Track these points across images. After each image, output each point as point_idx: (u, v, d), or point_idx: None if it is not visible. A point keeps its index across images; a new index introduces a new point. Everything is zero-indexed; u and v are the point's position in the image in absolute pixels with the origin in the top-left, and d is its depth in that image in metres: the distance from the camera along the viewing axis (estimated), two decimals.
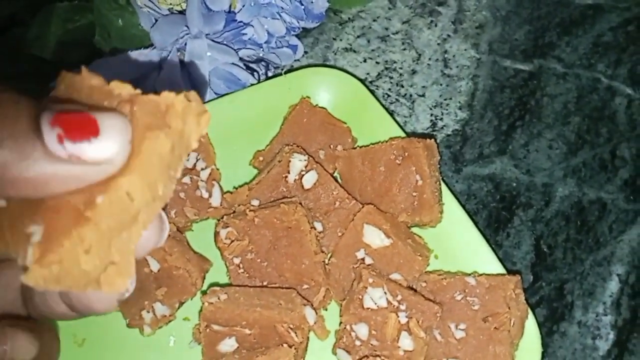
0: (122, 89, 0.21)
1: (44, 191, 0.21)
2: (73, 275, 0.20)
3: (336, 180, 0.46)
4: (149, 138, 0.21)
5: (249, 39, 0.50)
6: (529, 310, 0.42)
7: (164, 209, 0.24)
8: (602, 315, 0.48)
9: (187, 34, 0.48)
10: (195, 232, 0.46)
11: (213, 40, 0.48)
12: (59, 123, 0.20)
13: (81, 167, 0.20)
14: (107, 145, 0.20)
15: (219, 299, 0.39)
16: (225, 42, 0.49)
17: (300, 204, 0.44)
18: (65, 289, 0.21)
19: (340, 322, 0.42)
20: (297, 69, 0.53)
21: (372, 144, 0.47)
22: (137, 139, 0.21)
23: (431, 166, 0.45)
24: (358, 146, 0.49)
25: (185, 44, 0.48)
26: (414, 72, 0.59)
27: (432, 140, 0.46)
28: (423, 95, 0.58)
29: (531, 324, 0.42)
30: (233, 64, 0.49)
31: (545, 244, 0.51)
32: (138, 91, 0.21)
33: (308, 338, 0.41)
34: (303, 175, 0.45)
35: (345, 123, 0.49)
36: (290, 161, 0.45)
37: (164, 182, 0.22)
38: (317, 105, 0.49)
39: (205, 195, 0.46)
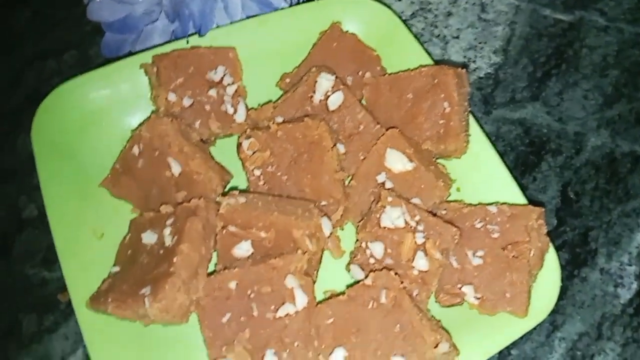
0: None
1: None
2: (173, 309, 0.36)
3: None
4: (189, 221, 0.38)
5: None
6: (550, 244, 0.41)
7: None
8: (626, 265, 0.47)
9: None
10: (218, 147, 0.46)
11: None
12: None
13: None
14: None
15: (237, 201, 0.39)
16: None
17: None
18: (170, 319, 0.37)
19: (356, 240, 0.41)
20: None
21: (401, 71, 0.46)
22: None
23: (460, 95, 0.44)
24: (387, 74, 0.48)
25: None
26: (449, 14, 0.58)
27: (464, 70, 0.45)
28: (457, 37, 0.57)
29: (552, 258, 0.41)
30: None
31: (572, 191, 0.50)
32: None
33: (322, 252, 0.41)
34: (329, 96, 0.45)
35: (375, 51, 0.49)
36: (317, 80, 0.45)
37: (205, 246, 0.39)
38: (347, 31, 0.49)
39: (230, 110, 0.46)
